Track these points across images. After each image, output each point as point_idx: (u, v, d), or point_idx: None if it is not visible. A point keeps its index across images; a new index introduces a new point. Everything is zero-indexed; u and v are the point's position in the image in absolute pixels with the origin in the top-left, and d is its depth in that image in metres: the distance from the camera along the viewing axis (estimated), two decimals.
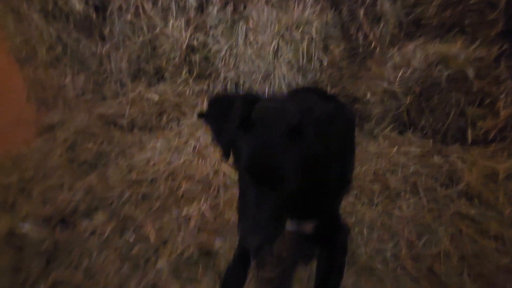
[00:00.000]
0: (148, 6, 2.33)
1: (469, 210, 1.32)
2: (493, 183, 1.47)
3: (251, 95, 0.98)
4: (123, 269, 1.14)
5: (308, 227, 1.21)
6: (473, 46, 1.57)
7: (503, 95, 1.63)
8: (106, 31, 2.64)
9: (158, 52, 2.49)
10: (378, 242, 1.24)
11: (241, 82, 2.34)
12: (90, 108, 2.68)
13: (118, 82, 2.88)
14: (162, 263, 1.14)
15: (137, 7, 2.33)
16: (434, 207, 1.38)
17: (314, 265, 1.21)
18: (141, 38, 2.47)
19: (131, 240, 1.25)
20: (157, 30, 2.38)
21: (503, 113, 1.65)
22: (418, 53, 1.68)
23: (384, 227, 1.30)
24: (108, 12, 2.46)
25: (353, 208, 1.44)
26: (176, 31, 2.31)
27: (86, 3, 2.40)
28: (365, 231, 1.30)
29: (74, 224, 1.37)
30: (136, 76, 2.81)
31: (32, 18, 2.85)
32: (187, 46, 2.33)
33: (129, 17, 2.38)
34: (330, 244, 1.21)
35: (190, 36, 2.31)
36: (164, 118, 2.38)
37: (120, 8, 2.38)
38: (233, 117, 0.89)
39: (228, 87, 2.41)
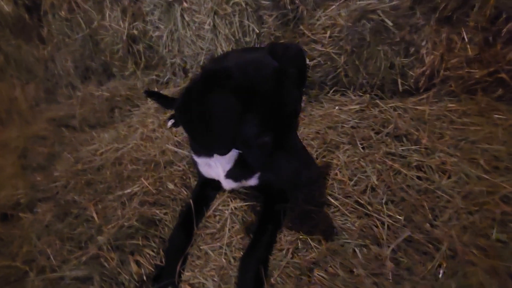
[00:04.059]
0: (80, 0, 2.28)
1: (397, 148, 1.40)
2: (422, 124, 1.57)
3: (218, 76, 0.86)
4: (64, 249, 1.14)
5: (253, 180, 1.25)
6: None
7: (424, 42, 1.72)
8: (44, 33, 2.57)
9: (101, 47, 2.46)
10: (315, 188, 1.30)
11: (188, 66, 2.35)
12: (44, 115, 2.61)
13: (69, 85, 2.82)
14: (102, 238, 1.15)
15: (69, 2, 2.29)
16: (369, 152, 1.46)
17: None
18: (80, 34, 2.43)
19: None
20: (95, 23, 2.34)
21: (427, 60, 1.75)
22: (342, 11, 1.75)
23: (321, 175, 1.37)
24: (41, 12, 2.39)
25: None
26: (114, 22, 2.29)
27: (16, 3, 2.32)
28: None
29: (17, 218, 1.36)
30: (85, 76, 2.76)
31: None
32: (128, 36, 2.31)
33: (63, 13, 2.32)
34: (271, 193, 1.26)
35: (129, 25, 2.29)
36: (116, 113, 2.36)
37: (52, 5, 2.32)
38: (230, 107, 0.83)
39: (177, 73, 2.42)
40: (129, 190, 1.39)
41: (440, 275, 0.91)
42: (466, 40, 1.65)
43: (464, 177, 1.21)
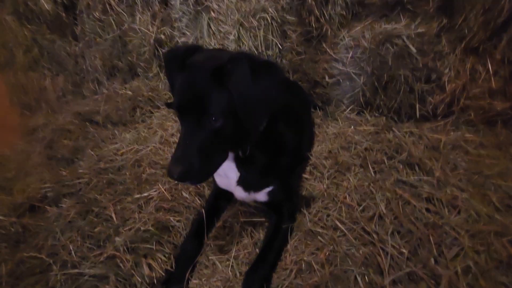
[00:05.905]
0: (114, 2, 2.40)
1: (409, 177, 1.42)
2: (436, 153, 1.57)
3: (194, 46, 1.08)
4: (84, 246, 1.23)
5: (262, 195, 1.30)
6: (415, 23, 1.65)
7: (447, 70, 1.72)
8: (78, 30, 2.71)
9: (128, 48, 2.57)
10: (323, 210, 1.34)
11: None
12: (70, 108, 2.76)
13: (95, 81, 2.96)
14: (119, 239, 1.23)
15: (104, 4, 2.40)
16: (380, 177, 1.48)
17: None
18: (111, 35, 2.54)
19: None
20: (125, 25, 2.44)
21: (448, 88, 1.74)
22: (366, 33, 1.76)
23: (330, 196, 1.40)
24: (77, 11, 2.52)
25: (306, 182, 1.53)
26: (143, 26, 2.38)
27: (55, 2, 2.46)
28: (312, 201, 1.40)
29: (43, 210, 1.46)
30: (111, 74, 2.89)
31: (5, 20, 2.91)
32: (155, 40, 2.40)
33: (97, 14, 2.44)
34: (279, 211, 1.31)
35: (157, 30, 2.38)
36: (138, 112, 2.45)
37: (88, 5, 2.44)
38: (174, 63, 1.01)
39: None
40: (146, 194, 1.47)
41: None
42: (491, 72, 1.63)
43: (474, 214, 1.21)
